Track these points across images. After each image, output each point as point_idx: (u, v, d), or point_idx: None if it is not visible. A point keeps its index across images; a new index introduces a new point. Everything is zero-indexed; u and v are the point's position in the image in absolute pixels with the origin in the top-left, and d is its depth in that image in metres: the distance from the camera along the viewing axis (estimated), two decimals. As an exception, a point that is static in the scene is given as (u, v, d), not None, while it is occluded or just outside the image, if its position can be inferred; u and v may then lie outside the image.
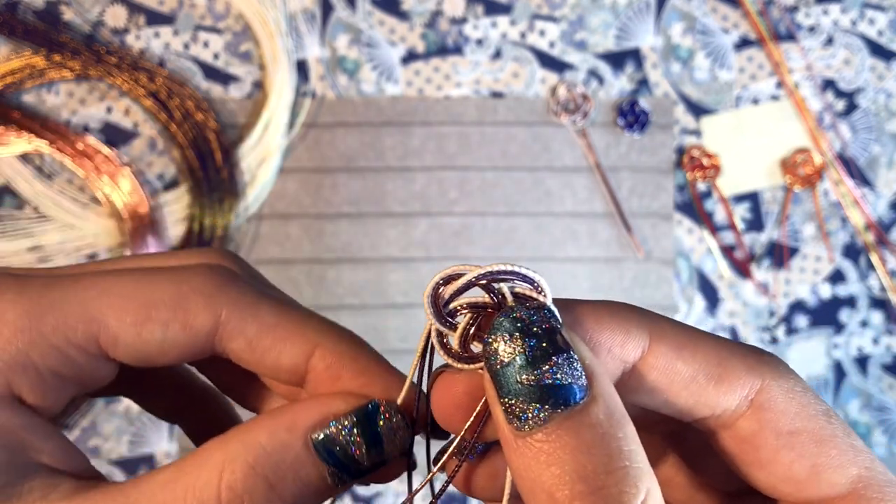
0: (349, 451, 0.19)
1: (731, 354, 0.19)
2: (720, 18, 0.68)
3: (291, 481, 0.18)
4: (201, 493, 0.18)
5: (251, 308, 0.20)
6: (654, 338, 0.18)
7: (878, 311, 0.68)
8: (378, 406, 0.19)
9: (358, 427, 0.19)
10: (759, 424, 0.18)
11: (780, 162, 0.68)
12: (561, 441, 0.15)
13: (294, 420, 0.19)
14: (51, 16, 0.65)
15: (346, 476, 0.19)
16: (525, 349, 0.16)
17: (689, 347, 0.19)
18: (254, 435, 0.18)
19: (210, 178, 0.64)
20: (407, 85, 0.66)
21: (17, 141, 0.63)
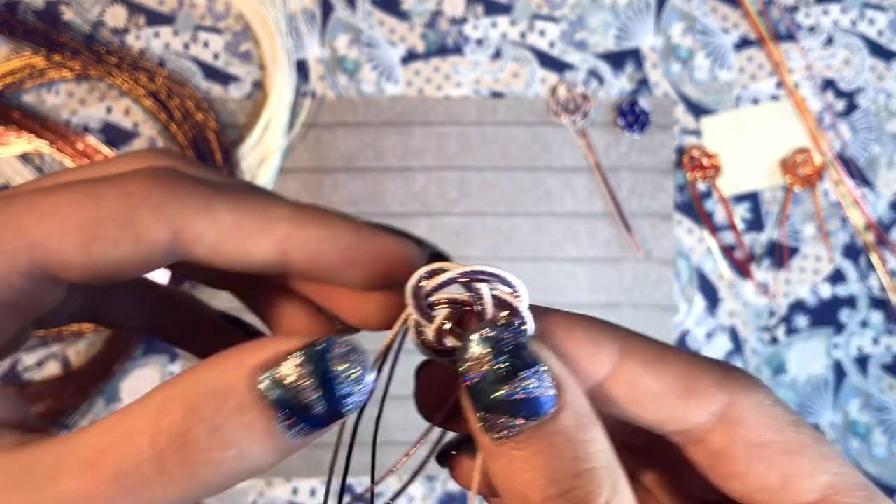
0: (298, 396, 0.16)
1: (700, 370, 0.19)
2: (720, 18, 0.68)
3: (235, 426, 0.16)
4: (138, 436, 0.16)
5: (205, 210, 0.18)
6: (624, 352, 0.19)
7: (878, 311, 0.68)
8: (329, 347, 0.17)
9: (307, 367, 0.16)
10: (730, 438, 0.18)
11: (780, 162, 0.68)
12: (533, 448, 0.17)
13: (241, 359, 0.17)
14: (51, 16, 0.65)
15: (302, 424, 0.17)
16: (495, 366, 0.17)
17: (658, 363, 0.19)
18: (199, 376, 0.17)
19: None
20: (407, 85, 0.66)
21: (17, 141, 0.63)
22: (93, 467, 0.16)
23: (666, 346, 0.20)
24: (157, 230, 0.18)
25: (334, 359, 0.17)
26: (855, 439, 0.67)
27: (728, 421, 0.18)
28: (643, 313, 0.67)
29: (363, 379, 0.17)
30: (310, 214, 0.18)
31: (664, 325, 0.67)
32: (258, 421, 0.16)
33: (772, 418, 0.18)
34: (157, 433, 0.16)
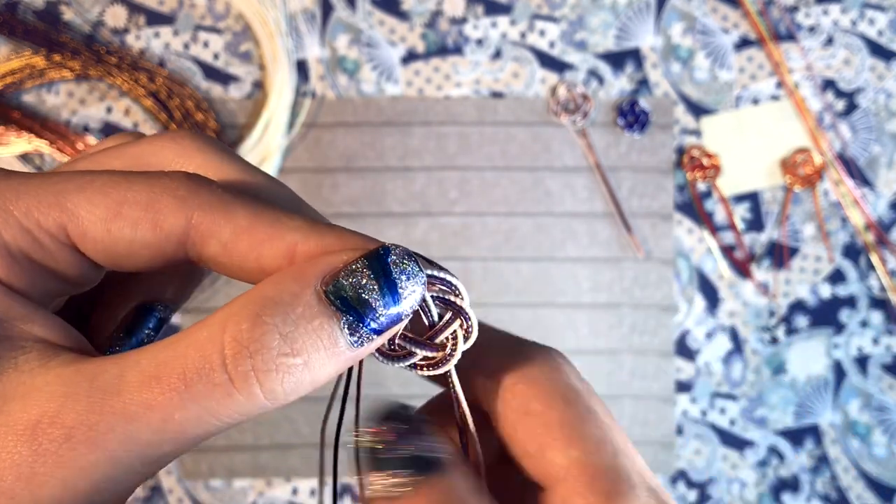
0: (363, 296, 0.17)
1: (517, 343, 0.21)
2: (720, 18, 0.68)
3: (304, 333, 0.17)
4: (203, 346, 0.17)
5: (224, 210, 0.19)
6: None
7: (878, 311, 0.68)
8: (389, 249, 0.18)
9: (370, 270, 0.18)
10: (503, 405, 0.20)
11: (780, 162, 0.68)
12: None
13: (302, 271, 0.18)
14: (51, 16, 0.65)
15: (364, 327, 0.18)
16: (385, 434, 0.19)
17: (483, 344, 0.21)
18: (259, 290, 0.17)
19: (210, 178, 0.64)
20: (407, 85, 0.66)
21: (17, 141, 0.63)
22: (158, 377, 0.16)
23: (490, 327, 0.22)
24: (174, 218, 0.19)
25: (393, 261, 0.18)
26: (855, 439, 0.67)
27: (504, 389, 0.20)
28: (643, 313, 0.67)
29: (419, 275, 0.18)
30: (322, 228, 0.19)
31: (664, 325, 0.67)
32: (325, 326, 0.17)
33: (542, 390, 0.20)
34: (226, 342, 0.17)
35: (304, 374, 0.17)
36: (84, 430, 0.16)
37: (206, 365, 0.17)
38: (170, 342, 0.17)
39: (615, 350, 0.67)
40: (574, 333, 0.66)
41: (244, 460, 0.65)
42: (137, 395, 0.16)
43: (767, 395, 0.67)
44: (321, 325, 0.17)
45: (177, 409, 0.16)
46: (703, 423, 0.67)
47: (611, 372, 0.67)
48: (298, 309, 0.17)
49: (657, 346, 0.67)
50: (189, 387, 0.16)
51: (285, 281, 0.18)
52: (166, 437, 0.17)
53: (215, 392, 0.17)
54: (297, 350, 0.17)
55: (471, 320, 0.20)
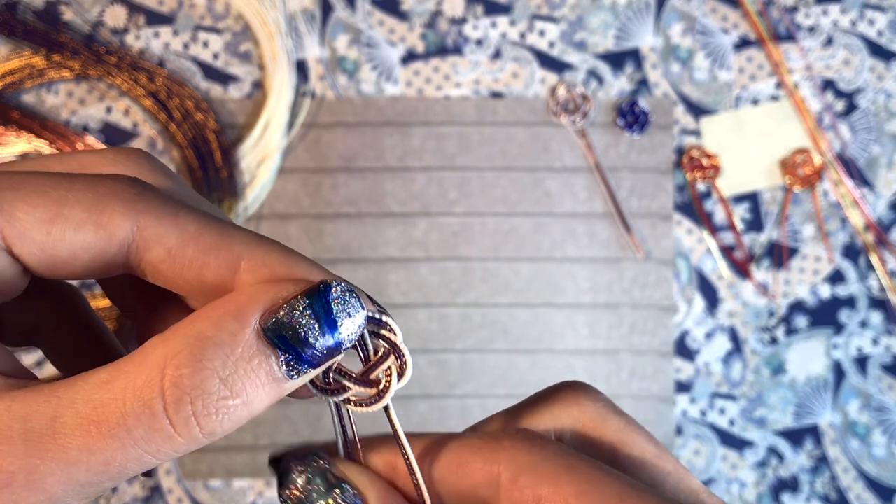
0: (301, 335, 0.17)
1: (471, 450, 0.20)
2: (720, 19, 0.68)
3: (243, 374, 0.17)
4: (142, 391, 0.16)
5: (172, 216, 0.18)
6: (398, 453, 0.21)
7: (877, 311, 0.68)
8: (330, 287, 0.18)
9: (310, 309, 0.18)
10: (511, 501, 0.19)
11: (780, 162, 0.68)
12: None
13: (241, 308, 0.17)
14: (50, 16, 0.65)
15: (300, 364, 0.18)
16: (307, 492, 0.19)
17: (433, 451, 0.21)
18: (198, 327, 0.17)
19: (210, 178, 0.64)
20: (406, 85, 0.66)
21: (16, 141, 0.63)
22: (97, 423, 0.16)
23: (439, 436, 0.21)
24: (120, 220, 0.18)
25: (334, 299, 0.18)
26: (854, 440, 0.67)
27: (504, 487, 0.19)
28: (642, 313, 0.67)
29: (359, 314, 0.18)
30: (268, 244, 0.19)
31: (663, 326, 0.67)
32: (263, 365, 0.17)
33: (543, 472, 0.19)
34: (166, 387, 0.16)
35: (242, 412, 0.17)
36: (24, 475, 0.16)
37: (146, 411, 0.16)
38: (103, 381, 0.17)
39: (615, 350, 0.67)
40: (573, 334, 0.66)
41: (243, 460, 0.65)
42: (77, 441, 0.16)
43: (767, 396, 0.67)
44: (259, 365, 0.17)
45: (118, 453, 0.16)
46: (703, 424, 0.67)
47: (610, 372, 0.67)
48: (238, 350, 0.17)
49: (656, 347, 0.67)
50: (130, 432, 0.16)
51: (225, 319, 0.17)
52: (106, 477, 0.17)
53: (156, 436, 0.17)
54: (236, 392, 0.17)
55: (405, 357, 0.20)
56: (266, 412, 0.65)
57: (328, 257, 0.65)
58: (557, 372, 0.66)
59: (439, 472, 0.20)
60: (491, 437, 0.20)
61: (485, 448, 0.20)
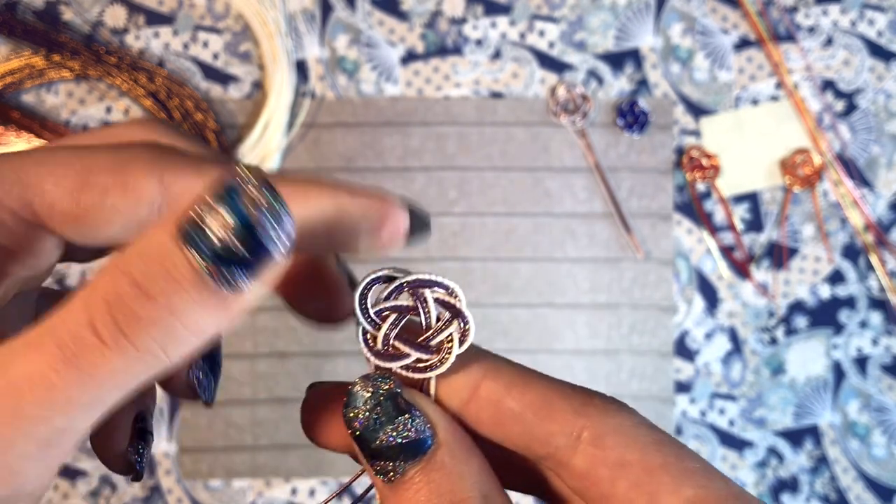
0: (217, 237, 0.16)
1: (560, 395, 0.20)
2: (720, 19, 0.68)
3: (164, 281, 0.16)
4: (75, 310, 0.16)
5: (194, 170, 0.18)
6: (487, 375, 0.20)
7: (877, 311, 0.68)
8: (235, 182, 0.16)
9: (219, 206, 0.16)
10: (590, 460, 0.19)
11: (780, 162, 0.68)
12: (417, 486, 0.19)
13: (163, 217, 0.17)
14: (50, 16, 0.65)
15: (227, 269, 0.16)
16: (373, 417, 0.19)
17: (519, 385, 0.20)
18: (127, 247, 0.16)
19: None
20: (406, 85, 0.66)
21: (16, 141, 0.63)
22: (34, 346, 0.16)
23: (528, 370, 0.21)
24: (146, 181, 0.18)
25: (242, 195, 0.16)
26: (854, 440, 0.67)
27: (587, 443, 0.19)
28: (642, 314, 0.67)
29: (280, 215, 0.16)
30: (300, 181, 0.19)
31: (663, 326, 0.67)
32: (185, 271, 0.16)
33: (632, 439, 0.19)
34: (91, 304, 0.16)
35: (172, 323, 0.16)
36: None
37: (76, 326, 0.16)
38: (53, 313, 0.16)
39: (614, 350, 0.67)
40: (573, 334, 0.66)
41: (243, 460, 0.65)
42: (17, 368, 0.16)
43: (767, 396, 0.67)
44: (180, 271, 0.16)
45: (55, 373, 0.15)
46: (703, 424, 0.67)
47: (610, 372, 0.67)
48: (156, 257, 0.16)
49: (656, 347, 0.67)
50: (62, 348, 0.16)
51: (149, 231, 0.16)
52: (54, 408, 0.16)
53: (88, 353, 0.16)
54: (153, 294, 0.16)
55: (468, 324, 0.20)
56: (267, 412, 0.65)
57: (328, 257, 0.65)
58: (557, 372, 0.66)
59: (520, 407, 0.20)
60: (582, 390, 0.20)
61: (575, 398, 0.20)
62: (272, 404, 0.65)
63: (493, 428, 0.20)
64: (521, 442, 0.20)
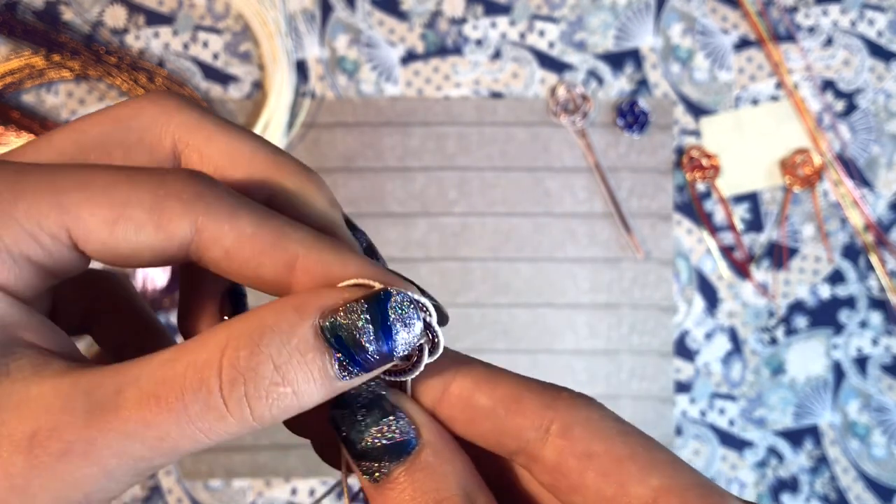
0: (357, 338, 0.18)
1: (528, 390, 0.20)
2: (719, 19, 0.68)
3: (296, 365, 0.18)
4: (202, 370, 0.17)
5: (229, 216, 0.19)
6: (457, 373, 0.21)
7: (877, 311, 0.68)
8: (390, 295, 0.19)
9: (367, 314, 0.18)
10: (559, 452, 0.20)
11: (780, 162, 0.68)
12: (402, 486, 0.19)
13: (303, 303, 0.18)
14: (50, 16, 0.65)
15: (352, 365, 0.18)
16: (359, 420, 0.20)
17: (488, 382, 0.21)
18: (260, 316, 0.18)
19: (209, 178, 0.64)
20: (406, 85, 0.66)
21: (16, 141, 0.63)
22: (157, 397, 0.17)
23: (498, 368, 0.21)
24: (179, 223, 0.19)
25: (392, 307, 0.18)
26: (854, 440, 0.67)
27: (556, 435, 0.20)
28: (642, 314, 0.67)
29: (415, 324, 0.19)
30: (324, 244, 0.20)
31: (663, 326, 0.67)
32: (317, 360, 0.18)
33: (599, 430, 0.20)
34: (224, 367, 0.17)
35: (291, 402, 0.18)
36: (82, 445, 0.16)
37: (203, 388, 0.17)
38: (166, 360, 0.17)
39: (614, 350, 0.67)
40: (573, 334, 0.66)
41: (243, 460, 0.65)
42: (136, 414, 0.17)
43: (767, 396, 0.67)
44: (313, 360, 0.18)
45: (173, 427, 0.17)
46: (703, 424, 0.67)
47: (610, 372, 0.67)
48: (294, 340, 0.18)
49: (656, 347, 0.67)
50: (187, 408, 0.17)
51: (286, 310, 0.18)
52: (159, 453, 0.17)
53: (209, 414, 0.17)
54: (287, 381, 0.18)
55: (437, 335, 0.20)
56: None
57: (328, 257, 0.65)
58: (558, 372, 0.66)
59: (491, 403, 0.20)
60: (550, 386, 0.21)
61: (544, 394, 0.20)
62: (272, 404, 0.65)
63: (465, 426, 0.21)
64: (493, 438, 0.20)
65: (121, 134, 0.21)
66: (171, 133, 0.21)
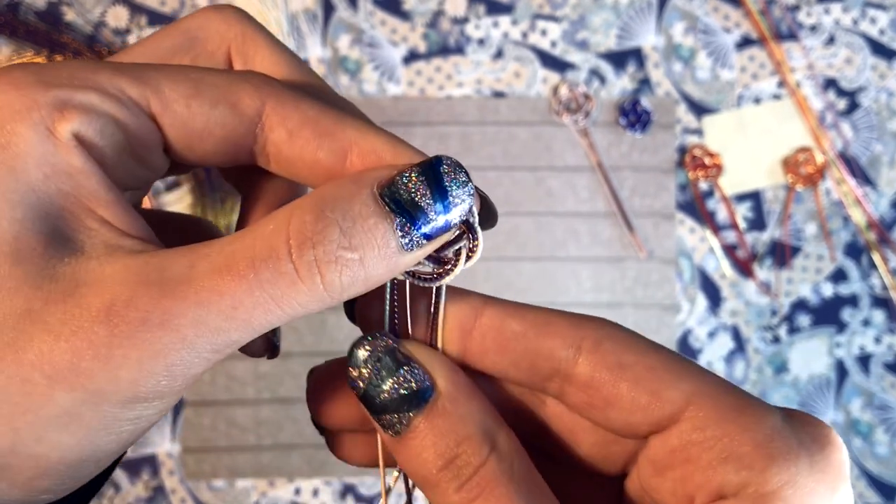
0: (416, 199, 0.19)
1: (555, 315, 0.21)
2: (722, 18, 0.68)
3: (360, 228, 0.18)
4: (270, 238, 0.18)
5: (294, 100, 0.20)
6: (487, 303, 0.21)
7: (879, 309, 0.68)
8: (441, 160, 0.19)
9: (423, 177, 0.19)
10: (592, 365, 0.20)
11: (782, 161, 0.68)
12: (422, 434, 0.19)
13: (360, 175, 0.19)
14: (52, 16, 0.65)
15: (415, 230, 0.19)
16: (374, 373, 0.20)
17: (517, 310, 0.21)
18: (321, 190, 0.19)
19: (212, 178, 0.64)
20: (409, 85, 0.66)
21: (19, 142, 0.63)
22: (228, 266, 0.17)
23: (521, 303, 0.22)
24: (250, 101, 0.20)
25: (446, 171, 0.19)
26: (857, 438, 0.67)
27: (588, 351, 0.20)
28: (645, 313, 0.67)
29: (468, 185, 0.19)
30: (377, 131, 0.21)
31: (666, 325, 0.67)
32: (379, 225, 0.18)
33: (627, 344, 0.20)
34: (292, 233, 0.18)
35: (359, 271, 0.18)
36: (159, 314, 0.17)
37: (273, 254, 0.17)
38: (235, 237, 0.18)
39: (617, 349, 0.67)
40: (576, 333, 0.66)
41: (247, 460, 0.65)
42: (209, 283, 0.17)
43: (769, 394, 0.67)
44: (376, 224, 0.18)
45: (245, 294, 0.17)
46: (706, 423, 0.67)
47: (613, 371, 0.67)
48: (356, 206, 0.18)
49: (659, 346, 0.67)
50: (257, 274, 0.17)
51: (345, 183, 0.19)
52: (234, 324, 0.17)
53: (281, 280, 0.17)
54: (354, 245, 0.18)
55: (477, 239, 0.20)
56: (270, 412, 0.65)
57: (331, 257, 0.66)
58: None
59: (522, 327, 0.21)
60: (574, 313, 0.21)
61: (571, 317, 0.21)
62: (275, 404, 0.65)
63: (497, 355, 0.21)
64: (525, 362, 0.21)
65: (189, 44, 0.22)
66: (230, 41, 0.22)
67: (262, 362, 0.65)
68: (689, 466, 0.19)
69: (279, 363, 0.65)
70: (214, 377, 0.65)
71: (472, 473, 0.19)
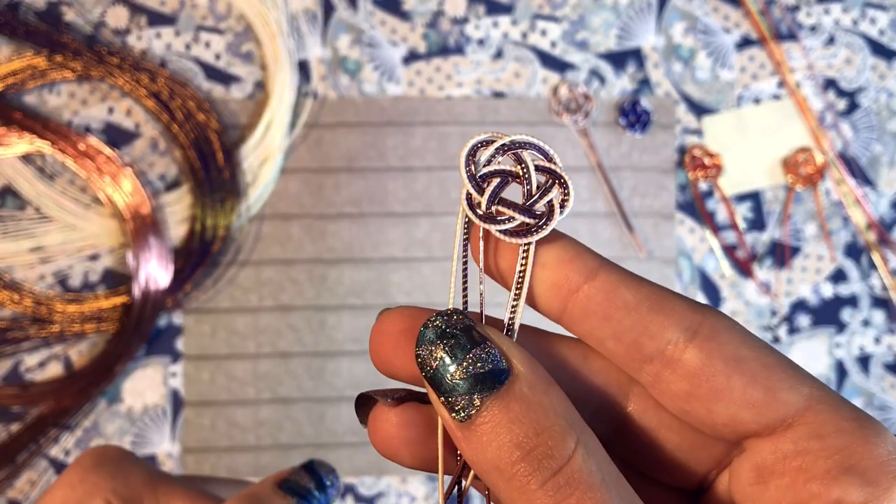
0: (305, 486, 0.29)
1: (672, 294, 0.20)
2: (721, 18, 0.68)
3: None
4: None
5: None
6: (602, 265, 0.20)
7: (879, 310, 0.68)
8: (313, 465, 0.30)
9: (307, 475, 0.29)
10: (707, 353, 0.19)
11: (782, 161, 0.68)
12: (495, 420, 0.17)
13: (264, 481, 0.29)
14: (52, 16, 0.65)
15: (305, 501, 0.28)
16: (446, 352, 0.18)
17: (633, 280, 0.20)
18: None
19: (212, 178, 0.64)
20: (408, 85, 0.66)
21: (18, 142, 0.63)
22: None
23: (637, 275, 0.21)
24: None
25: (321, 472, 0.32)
26: (857, 438, 0.67)
27: (702, 337, 0.19)
28: (645, 313, 0.67)
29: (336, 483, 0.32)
30: None
31: (666, 325, 0.67)
32: None
33: (745, 338, 0.19)
34: None
35: None
36: None
37: None
38: None
39: (617, 350, 0.67)
40: (576, 333, 0.66)
41: (246, 461, 0.65)
42: None
43: (769, 395, 0.67)
44: None
45: None
46: (706, 423, 0.67)
47: (613, 371, 0.67)
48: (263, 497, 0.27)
49: (659, 346, 0.67)
50: None
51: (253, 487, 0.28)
52: None
53: None
54: None
55: (569, 189, 0.20)
56: (270, 412, 0.65)
57: (331, 257, 0.65)
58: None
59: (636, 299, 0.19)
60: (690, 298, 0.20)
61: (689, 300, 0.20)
62: (275, 405, 0.65)
63: (600, 321, 0.20)
64: (630, 336, 0.19)
65: None
66: None
67: (261, 362, 0.65)
68: (801, 475, 0.18)
69: (279, 363, 0.65)
70: (214, 377, 0.65)
71: (557, 468, 0.17)
